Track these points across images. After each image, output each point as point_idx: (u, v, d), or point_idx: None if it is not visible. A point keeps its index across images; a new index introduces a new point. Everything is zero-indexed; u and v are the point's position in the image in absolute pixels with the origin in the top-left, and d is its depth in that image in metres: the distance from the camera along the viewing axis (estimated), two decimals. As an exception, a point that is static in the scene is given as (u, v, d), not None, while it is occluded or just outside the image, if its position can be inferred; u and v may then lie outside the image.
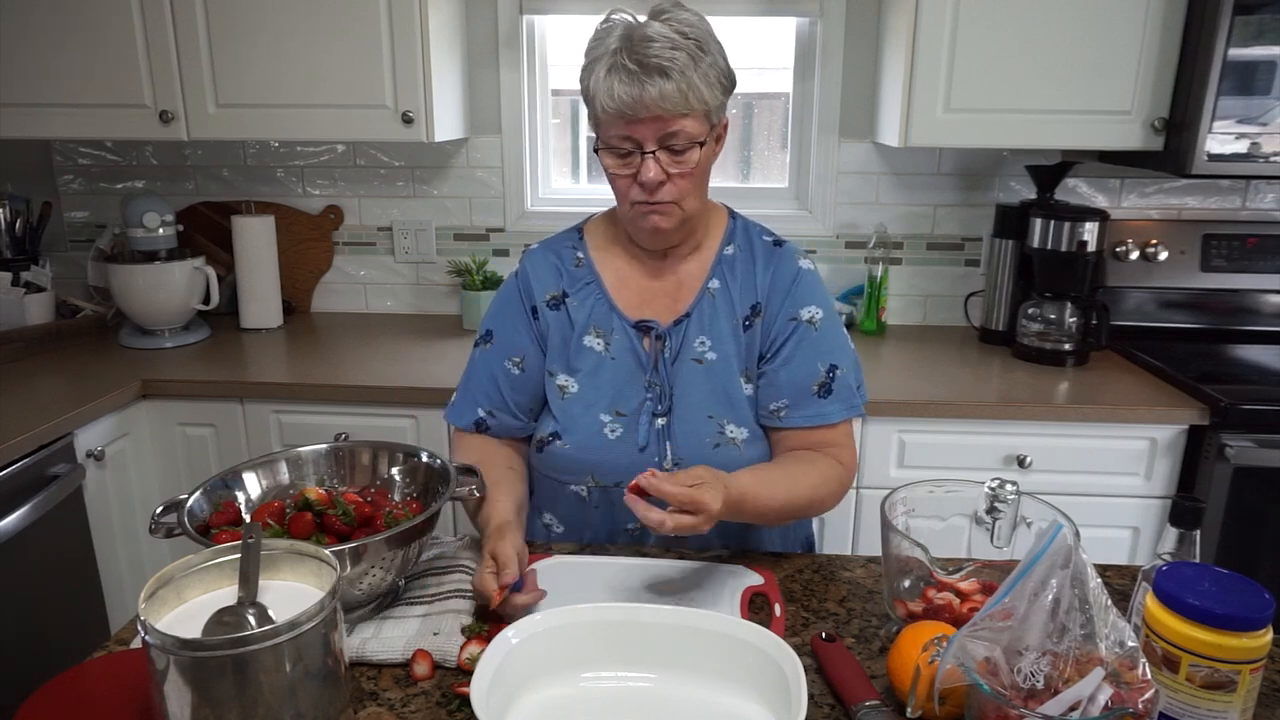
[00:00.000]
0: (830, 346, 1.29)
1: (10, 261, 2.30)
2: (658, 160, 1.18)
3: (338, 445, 1.23)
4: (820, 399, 1.27)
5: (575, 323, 1.31)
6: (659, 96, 1.13)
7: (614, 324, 1.30)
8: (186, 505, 1.06)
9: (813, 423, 1.27)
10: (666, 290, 1.32)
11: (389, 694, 0.96)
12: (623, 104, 1.14)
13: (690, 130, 1.17)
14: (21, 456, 1.67)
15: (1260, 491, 1.82)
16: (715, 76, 1.18)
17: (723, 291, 1.31)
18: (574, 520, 1.34)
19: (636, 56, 1.14)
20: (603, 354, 1.30)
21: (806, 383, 1.27)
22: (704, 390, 1.28)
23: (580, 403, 1.29)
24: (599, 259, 1.34)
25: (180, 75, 2.09)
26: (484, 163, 2.47)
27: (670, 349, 1.29)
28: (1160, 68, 1.95)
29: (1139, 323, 2.31)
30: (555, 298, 1.33)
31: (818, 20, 2.33)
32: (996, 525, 1.08)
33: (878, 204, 2.43)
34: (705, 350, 1.29)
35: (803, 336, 1.28)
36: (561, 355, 1.31)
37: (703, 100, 1.16)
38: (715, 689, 0.92)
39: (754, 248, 1.33)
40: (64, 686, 0.90)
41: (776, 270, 1.31)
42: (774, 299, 1.30)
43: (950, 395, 1.92)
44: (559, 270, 1.34)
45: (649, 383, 1.29)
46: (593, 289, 1.32)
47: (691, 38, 1.16)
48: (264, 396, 2.00)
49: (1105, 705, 0.74)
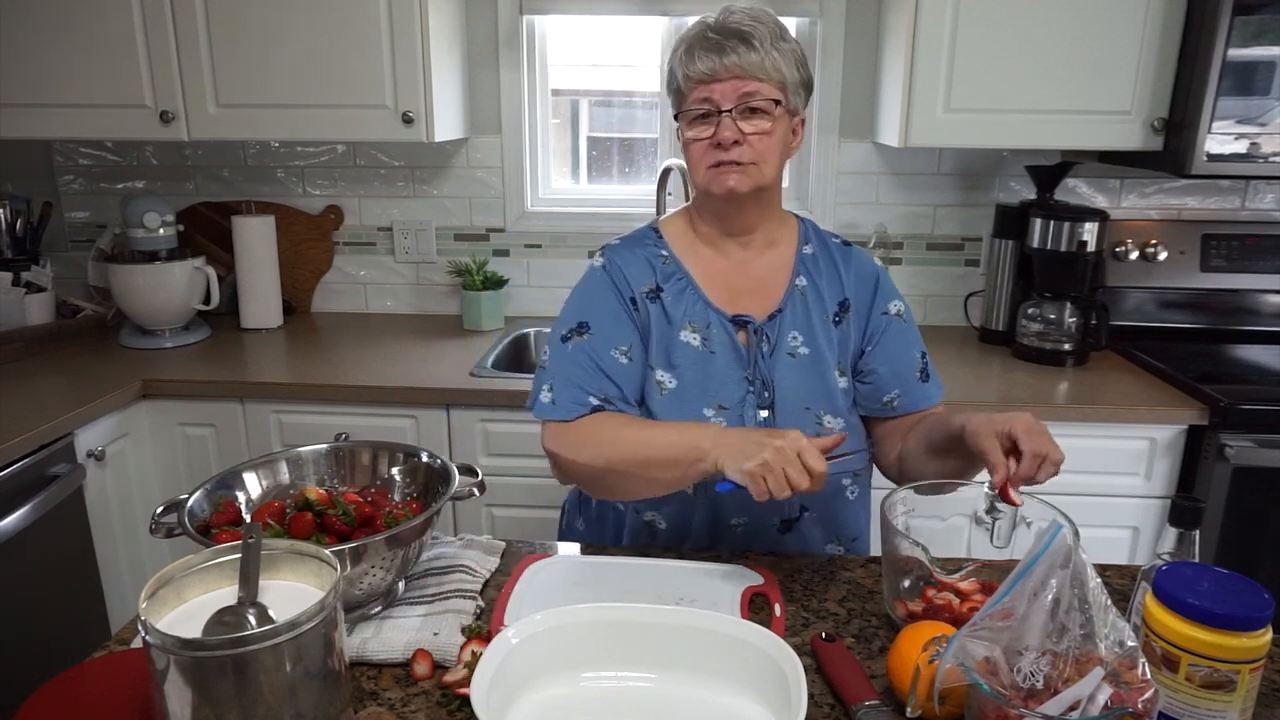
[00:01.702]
0: (915, 336, 1.38)
1: (10, 261, 2.30)
2: (734, 120, 1.22)
3: (338, 445, 1.23)
4: (923, 383, 1.36)
5: (672, 318, 1.30)
6: (738, 59, 1.20)
7: (710, 318, 1.30)
8: (186, 505, 1.06)
9: (921, 406, 1.35)
10: (752, 286, 1.34)
11: (389, 694, 0.96)
12: (705, 67, 1.21)
13: (770, 94, 1.22)
14: (21, 456, 1.67)
15: (1260, 491, 1.82)
16: (795, 61, 1.24)
17: (811, 289, 1.34)
18: (679, 517, 1.32)
19: (719, 27, 1.22)
20: (700, 349, 1.29)
21: (910, 371, 1.35)
22: (801, 383, 1.30)
23: (681, 397, 1.27)
24: (683, 255, 1.34)
25: (180, 75, 2.09)
26: (484, 163, 2.47)
27: (769, 343, 1.31)
28: (1160, 68, 1.95)
29: (1139, 323, 2.31)
30: (651, 290, 1.31)
31: (818, 20, 2.33)
32: (996, 525, 1.08)
33: (878, 204, 2.43)
34: (798, 345, 1.31)
35: (897, 329, 1.35)
36: (660, 350, 1.29)
37: (780, 72, 1.22)
38: (715, 689, 0.92)
39: (829, 248, 1.38)
40: (64, 686, 0.90)
41: (858, 269, 1.37)
42: (861, 296, 1.35)
43: (950, 395, 1.90)
44: (649, 264, 1.33)
45: (749, 377, 1.29)
46: (684, 284, 1.32)
47: (771, 24, 1.24)
48: (264, 396, 2.00)
49: (1105, 705, 0.75)
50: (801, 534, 1.33)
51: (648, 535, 1.34)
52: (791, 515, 1.31)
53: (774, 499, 1.05)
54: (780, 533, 1.32)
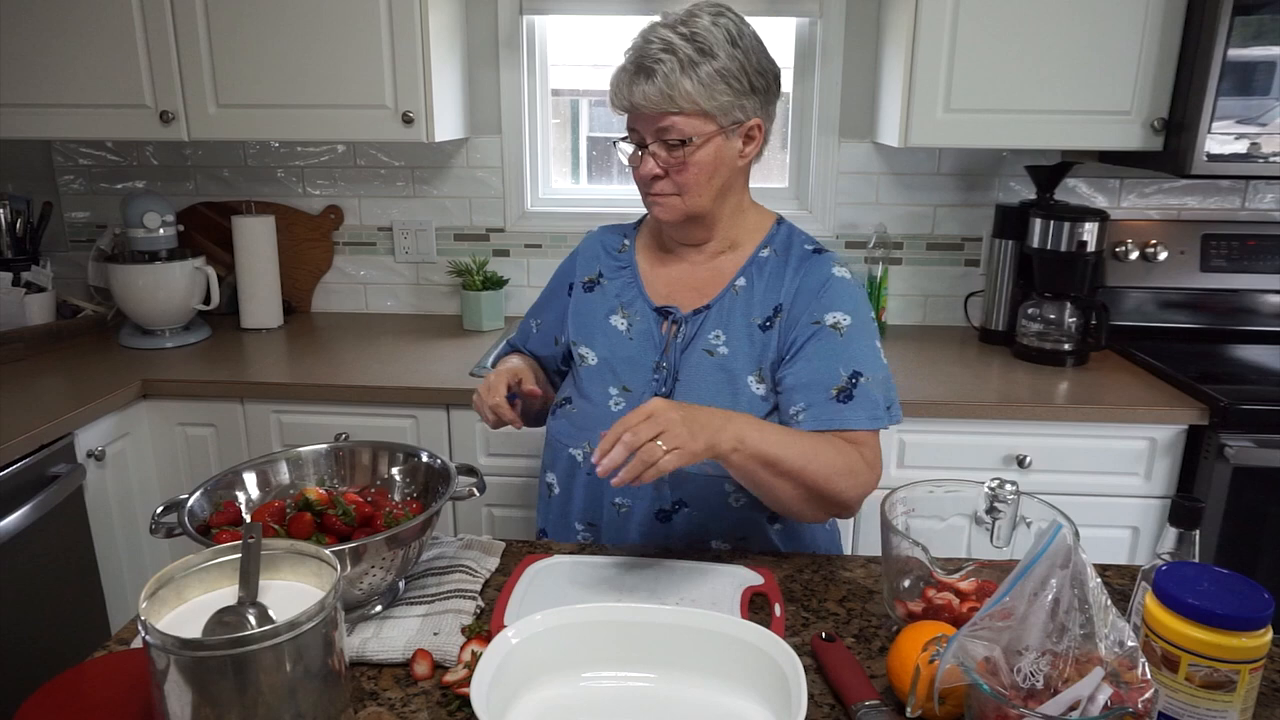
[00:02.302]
0: (855, 354, 1.25)
1: (10, 261, 2.30)
2: (655, 154, 1.24)
3: (338, 445, 1.23)
4: (839, 403, 1.23)
5: (605, 301, 1.38)
6: (642, 97, 1.21)
7: (638, 306, 1.36)
8: (186, 505, 1.06)
9: (829, 426, 1.22)
10: (696, 283, 1.36)
11: (389, 694, 0.96)
12: (617, 98, 1.24)
13: (683, 127, 1.21)
14: (21, 456, 1.67)
15: (1260, 491, 1.82)
16: (719, 80, 1.20)
17: (747, 290, 1.33)
18: (568, 484, 1.38)
19: (636, 58, 1.22)
20: (624, 333, 1.36)
21: (825, 386, 1.23)
22: (710, 381, 1.30)
23: (595, 373, 1.36)
24: (641, 248, 1.43)
25: (180, 75, 2.09)
26: (484, 163, 2.47)
27: (684, 336, 1.32)
28: (1160, 68, 1.95)
29: (1139, 323, 2.31)
30: (591, 280, 1.42)
31: (818, 20, 2.33)
32: (996, 525, 1.08)
33: (878, 204, 2.43)
34: (719, 344, 1.31)
35: (824, 340, 1.25)
36: (587, 329, 1.38)
37: (693, 102, 1.20)
38: (715, 689, 0.92)
39: (790, 252, 1.34)
40: (64, 686, 0.90)
41: (806, 275, 1.30)
42: (799, 302, 1.29)
43: (950, 395, 1.92)
44: (603, 253, 1.44)
45: (658, 364, 1.32)
46: (627, 274, 1.40)
47: (697, 40, 1.19)
48: (264, 396, 2.00)
49: (1105, 705, 0.75)
50: (679, 527, 1.32)
51: (547, 496, 1.42)
52: (664, 506, 1.32)
53: None
54: (660, 521, 1.32)
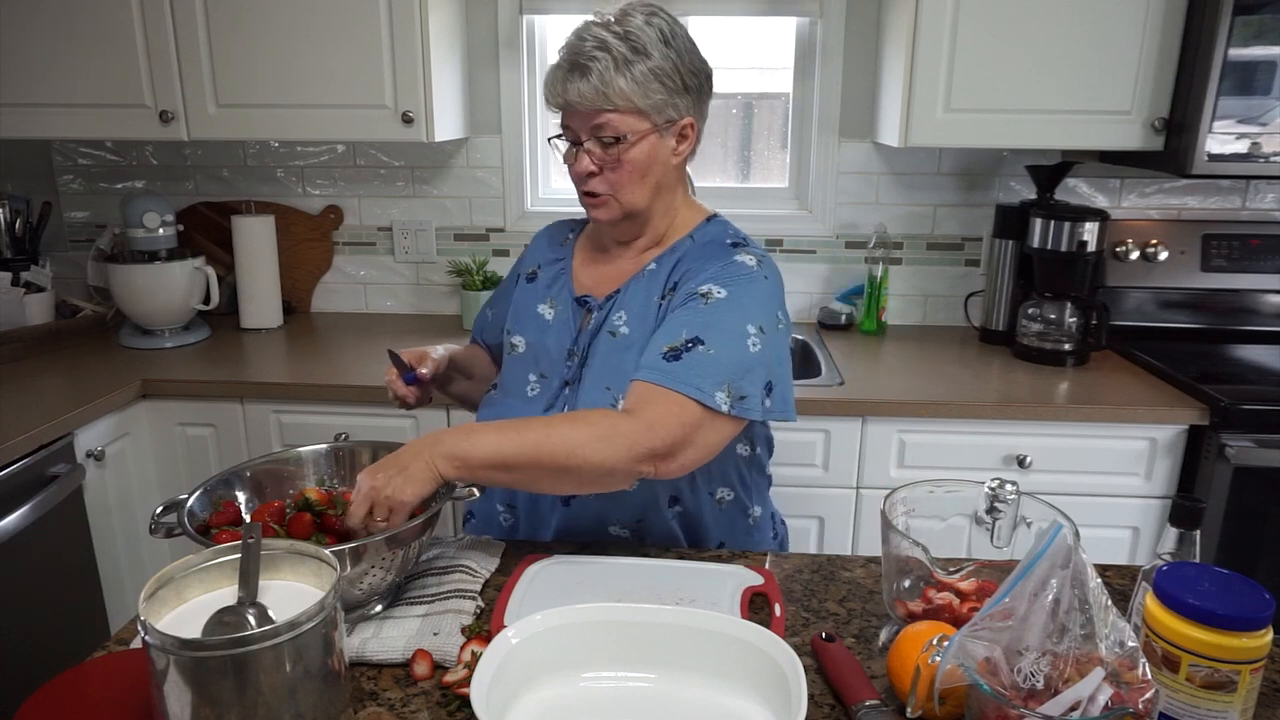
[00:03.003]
0: (709, 324, 1.18)
1: (10, 261, 2.30)
2: (589, 152, 1.25)
3: (338, 445, 1.23)
4: (665, 360, 1.15)
5: (538, 291, 1.41)
6: (577, 94, 1.21)
7: (563, 297, 1.38)
8: (186, 505, 1.06)
9: (642, 376, 1.15)
10: (616, 275, 1.36)
11: (389, 694, 0.96)
12: (551, 95, 1.25)
13: (617, 125, 1.22)
14: (21, 456, 1.67)
15: (1260, 491, 1.82)
16: (653, 78, 1.20)
17: (655, 273, 1.31)
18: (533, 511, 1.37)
19: (570, 55, 1.22)
20: (548, 321, 1.37)
21: (660, 342, 1.18)
22: (610, 363, 1.28)
23: (519, 361, 1.38)
24: (580, 243, 1.44)
25: (180, 75, 2.09)
26: (484, 163, 2.47)
27: (595, 322, 1.33)
28: (1160, 68, 1.95)
29: (1139, 323, 2.31)
30: (533, 272, 1.44)
31: (818, 20, 2.33)
32: (996, 525, 1.08)
33: (878, 204, 2.43)
34: (620, 325, 1.30)
35: (688, 306, 1.21)
36: (521, 318, 1.41)
37: (627, 99, 1.20)
38: (715, 689, 0.92)
39: (711, 243, 1.31)
40: (64, 686, 0.90)
41: (709, 258, 1.27)
42: (690, 278, 1.26)
43: (950, 395, 1.92)
44: (547, 245, 1.47)
45: (570, 351, 1.34)
46: (561, 265, 1.42)
47: (629, 39, 1.19)
48: (264, 396, 2.00)
49: (1105, 705, 0.74)
50: (579, 508, 1.29)
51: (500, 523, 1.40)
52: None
53: None
54: (563, 505, 1.30)
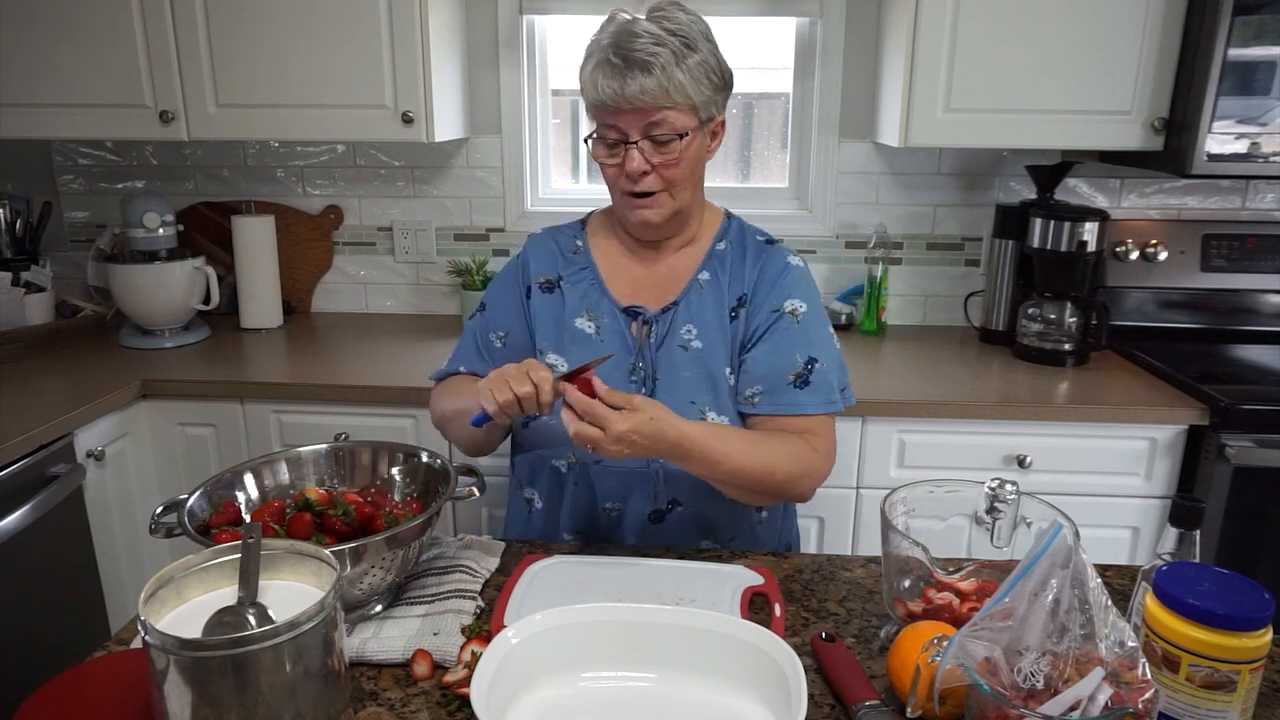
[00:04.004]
0: (812, 340, 1.30)
1: (10, 261, 2.30)
2: (641, 150, 1.23)
3: (338, 445, 1.23)
4: (796, 389, 1.28)
5: (568, 305, 1.36)
6: (639, 90, 1.19)
7: (604, 308, 1.35)
8: (186, 505, 1.06)
9: (785, 411, 1.28)
10: (657, 280, 1.36)
11: (389, 694, 0.96)
12: (606, 96, 1.21)
13: (674, 122, 1.21)
14: (21, 456, 1.67)
15: (1260, 491, 1.82)
16: (703, 73, 1.22)
17: (712, 283, 1.33)
18: (553, 496, 1.37)
19: (622, 52, 1.19)
20: (593, 336, 1.34)
21: (782, 371, 1.28)
22: (688, 376, 1.30)
23: None
24: (596, 247, 1.40)
25: (180, 75, 2.09)
26: (484, 163, 2.47)
27: (657, 335, 1.32)
28: (1160, 68, 1.95)
29: (1139, 323, 2.31)
30: (549, 281, 1.38)
31: (818, 20, 2.33)
32: (996, 525, 1.08)
33: (878, 204, 2.43)
34: (692, 339, 1.31)
35: (783, 327, 1.30)
36: (553, 335, 1.36)
37: (685, 95, 1.20)
38: (715, 689, 0.92)
39: (745, 244, 1.37)
40: (64, 686, 0.90)
41: (765, 264, 1.34)
42: (760, 290, 1.32)
43: (950, 395, 1.92)
44: (556, 255, 1.40)
45: (634, 366, 1.32)
46: (587, 274, 1.37)
47: (678, 35, 1.20)
48: (264, 396, 2.00)
49: (1105, 705, 0.74)
50: (672, 527, 1.33)
51: (526, 512, 1.40)
52: (660, 506, 1.33)
53: (508, 414, 1.12)
54: (652, 523, 1.33)
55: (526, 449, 1.39)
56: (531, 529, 1.40)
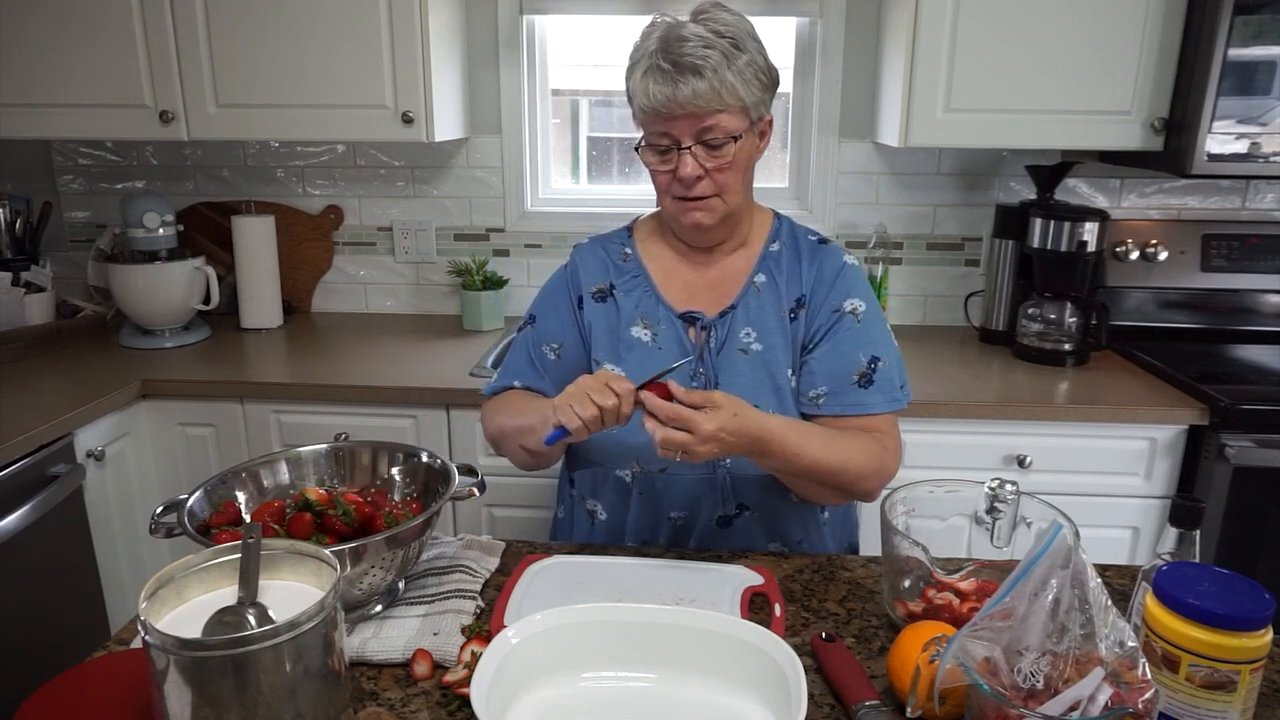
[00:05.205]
0: (873, 339, 1.30)
1: (10, 261, 2.30)
2: (694, 156, 1.21)
3: (338, 445, 1.23)
4: (861, 389, 1.28)
5: (622, 314, 1.34)
6: (692, 94, 1.17)
7: (660, 315, 1.33)
8: (186, 505, 1.06)
9: (851, 411, 1.27)
10: (711, 284, 1.35)
11: (389, 694, 0.96)
12: (658, 103, 1.18)
13: (726, 125, 1.20)
14: (21, 456, 1.67)
15: (1260, 491, 1.82)
16: (752, 74, 1.21)
17: (769, 286, 1.33)
18: (617, 507, 1.35)
19: (671, 57, 1.17)
20: (650, 344, 1.32)
21: (847, 372, 1.28)
22: (750, 380, 1.29)
23: None
24: (646, 254, 1.38)
25: (180, 75, 2.09)
26: (484, 163, 2.47)
27: (716, 339, 1.31)
28: (1160, 68, 1.95)
29: (1139, 323, 2.31)
30: (601, 290, 1.36)
31: (818, 20, 2.33)
32: (996, 525, 1.08)
33: (878, 204, 2.43)
34: (751, 341, 1.30)
35: (845, 327, 1.30)
36: (608, 345, 1.34)
37: (738, 97, 1.19)
38: (715, 689, 0.92)
39: (799, 244, 1.36)
40: (64, 686, 0.90)
41: (822, 265, 1.33)
42: (818, 291, 1.32)
43: (950, 395, 1.92)
44: (606, 264, 1.38)
45: (695, 372, 1.30)
46: (640, 282, 1.35)
47: (727, 36, 1.19)
48: (264, 396, 2.00)
49: (1105, 705, 0.75)
50: (741, 531, 1.33)
51: (589, 524, 1.38)
52: (729, 512, 1.32)
53: (589, 429, 1.09)
54: (720, 527, 1.32)
55: (588, 462, 1.37)
56: (595, 542, 1.37)
